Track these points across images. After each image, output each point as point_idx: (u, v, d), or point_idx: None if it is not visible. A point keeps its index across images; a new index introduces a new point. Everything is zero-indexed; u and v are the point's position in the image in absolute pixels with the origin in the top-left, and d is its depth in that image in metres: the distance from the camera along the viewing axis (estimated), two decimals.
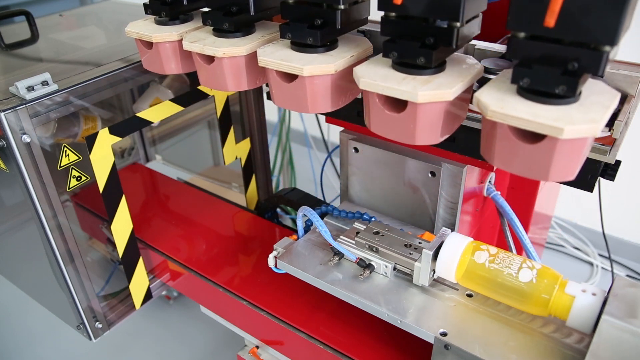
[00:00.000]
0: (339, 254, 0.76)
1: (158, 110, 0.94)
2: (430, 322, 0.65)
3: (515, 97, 0.49)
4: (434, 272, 0.69)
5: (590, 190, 0.69)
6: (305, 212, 0.80)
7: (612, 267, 1.43)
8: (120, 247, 0.94)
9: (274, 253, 0.80)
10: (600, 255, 1.75)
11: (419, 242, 0.74)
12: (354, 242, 0.77)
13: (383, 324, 0.70)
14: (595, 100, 0.48)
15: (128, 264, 0.97)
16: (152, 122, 0.93)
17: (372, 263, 0.74)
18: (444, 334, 0.63)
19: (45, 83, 0.78)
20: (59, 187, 0.82)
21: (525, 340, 0.62)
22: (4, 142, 0.75)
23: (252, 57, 0.69)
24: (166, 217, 1.18)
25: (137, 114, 0.90)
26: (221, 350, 1.43)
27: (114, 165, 0.87)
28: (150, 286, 1.03)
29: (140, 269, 0.99)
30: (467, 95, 0.59)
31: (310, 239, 0.82)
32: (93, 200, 1.21)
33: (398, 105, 0.55)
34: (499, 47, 0.68)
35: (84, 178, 0.88)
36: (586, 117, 0.45)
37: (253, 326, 0.94)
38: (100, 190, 0.87)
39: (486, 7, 0.56)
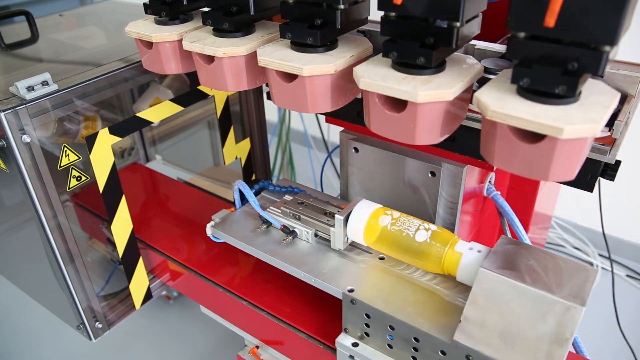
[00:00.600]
0: (266, 222, 0.84)
1: (158, 110, 0.94)
2: (341, 281, 0.72)
3: (515, 97, 0.49)
4: (348, 237, 0.76)
5: (590, 190, 0.69)
6: (239, 186, 0.88)
7: (612, 267, 1.43)
8: (120, 247, 0.94)
9: (211, 223, 0.88)
10: (600, 255, 1.75)
11: (338, 211, 0.79)
12: (280, 211, 0.84)
13: None
14: (595, 100, 0.48)
15: (128, 264, 0.97)
16: (152, 122, 0.93)
17: (295, 230, 0.81)
18: (351, 291, 0.70)
19: (45, 83, 0.78)
20: (59, 187, 0.82)
21: (424, 296, 0.68)
22: (4, 142, 0.75)
23: (252, 57, 0.69)
24: (166, 217, 1.18)
25: (137, 114, 0.90)
26: (221, 350, 1.43)
27: (114, 165, 0.87)
28: (150, 286, 1.03)
29: (140, 269, 0.99)
30: (467, 95, 0.59)
31: (245, 211, 0.90)
32: (93, 200, 1.21)
33: (398, 105, 0.55)
34: (499, 47, 0.68)
35: (84, 178, 0.88)
36: (586, 117, 0.45)
37: (253, 326, 0.94)
38: (100, 190, 0.87)
39: (486, 7, 0.56)
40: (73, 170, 0.86)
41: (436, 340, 0.62)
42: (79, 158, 0.85)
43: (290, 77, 0.63)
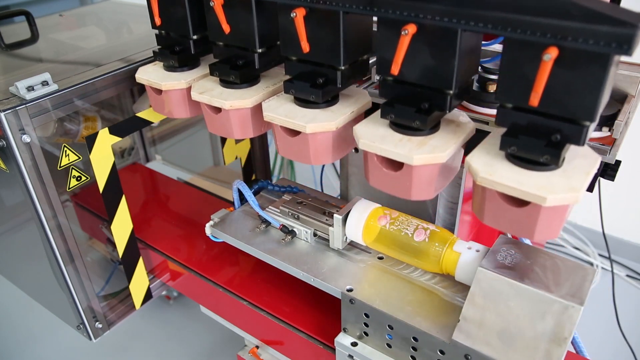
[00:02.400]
0: (265, 221, 0.84)
1: None
2: (339, 280, 0.73)
3: (503, 162, 0.52)
4: (346, 236, 0.76)
5: (590, 190, 0.69)
6: (238, 186, 0.87)
7: (612, 267, 1.43)
8: (120, 247, 0.94)
9: (210, 222, 0.88)
10: (600, 255, 1.75)
11: (336, 210, 0.79)
12: (279, 211, 0.85)
13: None
14: (577, 164, 0.51)
15: (128, 264, 0.97)
16: (152, 122, 0.93)
17: (294, 229, 0.81)
18: (350, 290, 0.70)
19: (45, 83, 0.78)
20: (59, 187, 0.82)
21: (423, 295, 0.69)
22: (4, 142, 0.75)
23: (258, 107, 0.71)
24: (166, 217, 1.18)
25: (137, 114, 0.90)
26: (221, 350, 1.43)
27: (114, 165, 0.87)
28: (150, 286, 1.03)
29: (140, 269, 0.99)
30: (461, 153, 0.61)
31: (244, 210, 0.90)
32: (93, 200, 1.21)
33: (395, 164, 0.58)
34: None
35: (84, 178, 0.88)
36: (568, 185, 0.48)
37: (253, 326, 0.94)
38: (100, 190, 0.87)
39: (477, 72, 0.59)
40: (73, 170, 0.86)
41: (435, 340, 0.62)
42: (79, 158, 0.85)
43: (294, 132, 0.65)
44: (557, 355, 0.54)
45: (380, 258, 0.77)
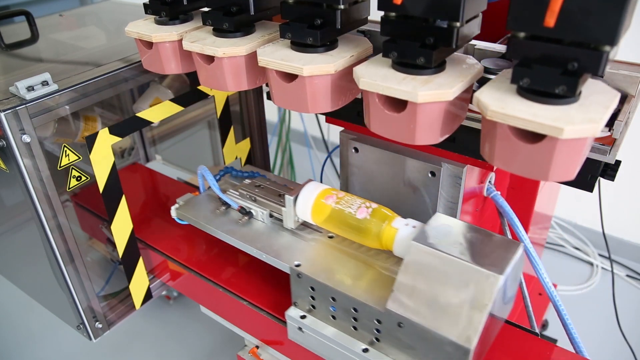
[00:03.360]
0: (225, 204, 0.89)
1: (158, 110, 0.94)
2: (289, 257, 0.77)
3: (515, 97, 0.49)
4: (298, 216, 0.81)
5: (590, 190, 0.69)
6: (201, 171, 0.92)
7: (612, 267, 1.43)
8: (120, 247, 0.94)
9: (175, 206, 0.93)
10: (600, 255, 1.75)
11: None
12: (238, 193, 0.90)
13: None
14: (595, 100, 0.48)
15: (128, 264, 0.97)
16: (152, 122, 0.93)
17: (252, 211, 0.87)
18: (297, 265, 0.75)
19: (45, 83, 0.78)
20: (59, 187, 0.82)
21: (365, 269, 0.73)
22: (4, 142, 0.75)
23: (252, 57, 0.69)
24: (166, 217, 1.18)
25: (137, 114, 0.90)
26: (221, 350, 1.43)
27: (114, 165, 0.87)
28: (150, 286, 1.03)
29: (140, 269, 0.99)
30: (467, 95, 0.59)
31: (208, 194, 0.95)
32: (93, 200, 1.21)
33: (398, 105, 0.55)
34: (499, 47, 0.68)
35: (84, 178, 0.88)
36: (586, 117, 0.45)
37: (253, 326, 0.94)
38: (100, 190, 0.87)
39: (486, 6, 0.56)
40: (73, 170, 0.86)
41: (372, 310, 0.67)
42: (79, 158, 0.85)
43: (291, 77, 0.63)
44: (478, 319, 0.58)
45: (331, 237, 0.81)
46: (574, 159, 0.47)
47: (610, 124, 0.61)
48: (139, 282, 1.00)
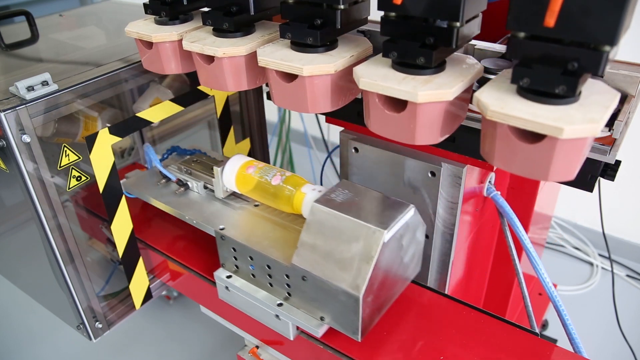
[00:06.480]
0: (166, 177, 0.98)
1: (158, 110, 0.94)
2: (216, 222, 0.85)
3: (515, 97, 0.49)
4: (226, 186, 0.88)
5: (590, 190, 0.69)
6: (146, 150, 1.00)
7: (612, 267, 1.43)
8: (120, 247, 0.94)
9: (124, 180, 1.00)
10: (600, 255, 1.75)
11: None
12: (177, 168, 0.99)
13: None
14: (595, 100, 0.48)
15: (128, 264, 0.97)
16: (152, 122, 0.93)
17: (188, 182, 0.95)
18: (222, 229, 0.82)
19: (45, 83, 0.78)
20: (59, 187, 0.82)
21: (282, 232, 0.81)
22: (4, 142, 0.75)
23: (252, 57, 0.69)
24: (166, 217, 1.18)
25: (137, 114, 0.90)
26: (221, 350, 1.43)
27: (114, 165, 0.87)
28: (150, 286, 1.03)
29: (140, 269, 0.99)
30: (467, 95, 0.59)
31: (153, 171, 1.03)
32: (93, 200, 1.21)
33: (398, 105, 0.55)
34: (499, 47, 0.68)
35: (84, 178, 0.88)
36: (586, 117, 0.45)
37: (253, 326, 0.94)
38: (100, 190, 0.87)
39: (486, 7, 0.56)
40: (73, 170, 0.86)
41: (280, 266, 0.74)
42: (79, 158, 0.85)
43: (290, 77, 0.63)
44: (365, 270, 0.65)
45: (256, 205, 0.88)
46: (574, 159, 0.47)
47: (610, 124, 0.61)
48: (139, 282, 1.00)
